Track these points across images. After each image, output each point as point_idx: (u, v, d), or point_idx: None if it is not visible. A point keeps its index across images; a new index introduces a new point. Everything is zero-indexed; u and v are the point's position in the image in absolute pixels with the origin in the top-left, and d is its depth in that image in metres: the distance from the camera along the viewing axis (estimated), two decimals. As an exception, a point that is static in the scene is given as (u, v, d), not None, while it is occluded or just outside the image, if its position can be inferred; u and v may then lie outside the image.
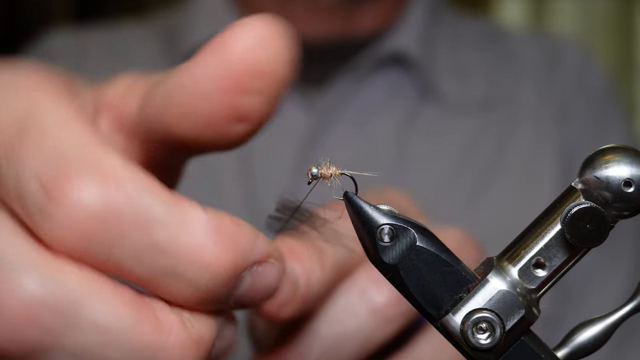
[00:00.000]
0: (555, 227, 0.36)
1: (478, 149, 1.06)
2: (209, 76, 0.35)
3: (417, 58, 1.06)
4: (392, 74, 1.08)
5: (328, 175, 0.38)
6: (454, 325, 0.36)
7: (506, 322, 0.35)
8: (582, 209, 0.35)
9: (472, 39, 1.15)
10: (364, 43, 1.08)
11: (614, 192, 0.35)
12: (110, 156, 0.34)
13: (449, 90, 1.07)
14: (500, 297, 0.36)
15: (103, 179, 0.33)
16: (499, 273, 0.36)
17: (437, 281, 0.36)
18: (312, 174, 0.38)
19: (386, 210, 0.37)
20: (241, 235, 0.35)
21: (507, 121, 1.07)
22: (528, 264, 0.36)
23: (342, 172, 0.38)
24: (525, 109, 1.09)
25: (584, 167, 0.36)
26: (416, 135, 1.05)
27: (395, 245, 0.36)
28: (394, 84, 1.08)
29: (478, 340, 0.36)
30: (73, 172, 0.33)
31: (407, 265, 0.36)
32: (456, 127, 1.06)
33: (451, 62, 1.10)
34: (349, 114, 1.05)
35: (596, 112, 1.11)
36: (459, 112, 1.06)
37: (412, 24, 1.08)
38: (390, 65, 1.07)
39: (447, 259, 0.36)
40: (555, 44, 1.17)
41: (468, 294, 0.36)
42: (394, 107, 1.07)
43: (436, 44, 1.10)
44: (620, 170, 0.35)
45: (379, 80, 1.07)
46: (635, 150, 0.35)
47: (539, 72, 1.12)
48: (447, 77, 1.08)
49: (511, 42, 1.16)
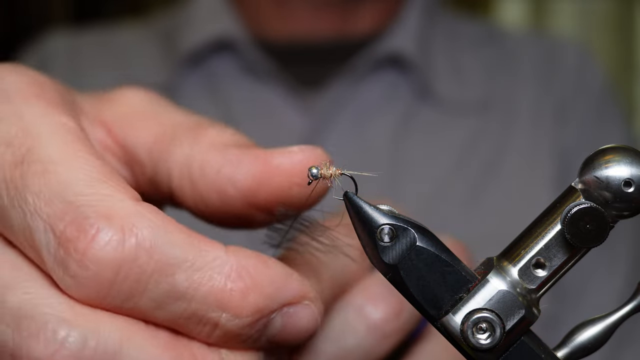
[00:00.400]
0: (555, 227, 0.36)
1: (475, 150, 1.06)
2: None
3: (414, 59, 1.06)
4: (389, 76, 1.08)
5: (328, 176, 0.38)
6: (454, 325, 0.36)
7: (506, 322, 0.35)
8: (582, 209, 0.35)
9: (470, 39, 1.15)
10: (361, 44, 1.08)
11: (614, 192, 0.35)
12: (122, 197, 0.33)
13: (446, 92, 1.07)
14: (500, 297, 0.36)
15: (120, 227, 0.32)
16: (499, 273, 0.36)
17: (437, 281, 0.36)
18: (312, 175, 0.38)
19: (386, 210, 0.37)
20: (267, 276, 0.35)
21: (505, 122, 1.07)
22: (528, 264, 0.36)
23: (342, 173, 0.38)
24: (523, 110, 1.08)
25: (584, 167, 0.36)
26: (413, 137, 1.05)
27: (395, 245, 0.36)
28: (391, 85, 1.08)
29: (478, 340, 0.35)
30: (88, 222, 0.32)
31: (407, 265, 0.36)
32: (454, 128, 1.06)
33: (448, 63, 1.10)
34: (346, 116, 1.06)
35: (595, 113, 1.11)
36: (457, 113, 1.06)
37: (409, 25, 1.08)
38: (388, 66, 1.07)
39: (447, 259, 0.36)
40: (554, 44, 1.17)
41: (468, 294, 0.36)
42: (391, 108, 1.07)
43: (433, 45, 1.10)
44: (620, 170, 0.35)
45: (376, 81, 1.07)
46: (635, 150, 0.35)
47: (537, 73, 1.12)
48: (444, 79, 1.08)
49: (509, 43, 1.16)
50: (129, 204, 0.33)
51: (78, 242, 0.32)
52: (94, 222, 0.32)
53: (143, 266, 0.32)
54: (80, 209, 0.32)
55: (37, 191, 0.33)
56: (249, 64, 1.08)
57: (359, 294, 0.47)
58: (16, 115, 0.35)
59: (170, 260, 0.33)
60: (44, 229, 0.32)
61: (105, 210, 0.32)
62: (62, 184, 0.33)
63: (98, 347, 0.32)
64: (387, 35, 1.07)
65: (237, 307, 0.34)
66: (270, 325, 0.36)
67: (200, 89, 1.08)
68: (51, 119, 0.35)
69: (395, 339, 0.48)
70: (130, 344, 0.33)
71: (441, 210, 1.01)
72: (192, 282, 0.33)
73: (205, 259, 0.33)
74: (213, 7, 1.10)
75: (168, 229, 0.33)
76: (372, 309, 0.47)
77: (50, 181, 0.33)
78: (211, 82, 1.09)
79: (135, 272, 0.32)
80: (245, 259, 0.34)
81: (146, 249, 0.32)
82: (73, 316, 0.32)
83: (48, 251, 0.32)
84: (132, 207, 0.33)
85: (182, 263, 0.33)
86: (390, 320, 0.47)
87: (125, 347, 0.32)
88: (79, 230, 0.32)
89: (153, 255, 0.32)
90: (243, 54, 1.07)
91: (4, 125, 0.34)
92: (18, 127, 0.34)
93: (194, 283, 0.33)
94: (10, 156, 0.34)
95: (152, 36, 1.16)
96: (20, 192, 0.33)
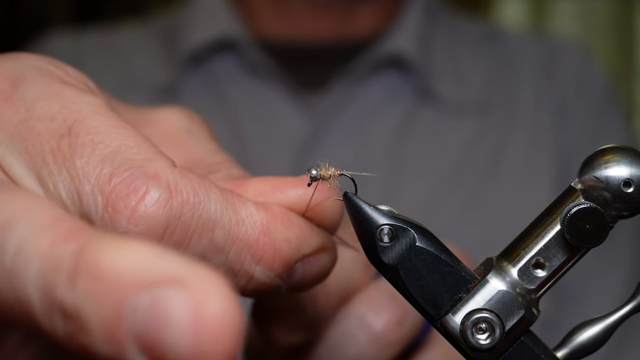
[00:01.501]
0: (555, 227, 0.36)
1: (476, 150, 1.06)
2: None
3: (415, 60, 1.06)
4: (389, 77, 1.08)
5: (327, 177, 0.38)
6: (454, 325, 0.36)
7: (506, 323, 0.35)
8: (581, 209, 0.35)
9: (470, 40, 1.15)
10: (361, 45, 1.08)
11: (613, 192, 0.35)
12: (164, 160, 0.35)
13: (446, 93, 1.07)
14: (500, 298, 0.36)
15: (167, 186, 0.34)
16: (498, 273, 0.36)
17: (436, 281, 0.36)
18: (312, 176, 0.38)
19: (386, 211, 0.37)
20: (293, 230, 0.37)
21: (505, 123, 1.07)
22: (528, 264, 0.36)
23: (342, 173, 0.38)
24: (524, 110, 1.08)
25: (583, 167, 0.36)
26: (414, 138, 1.05)
27: (395, 246, 0.36)
28: (392, 86, 1.08)
29: (478, 340, 0.36)
30: (138, 182, 0.34)
31: (406, 265, 0.36)
32: (454, 129, 1.06)
33: (449, 64, 1.10)
34: (346, 117, 1.06)
35: (595, 114, 1.11)
36: (457, 114, 1.06)
37: (409, 25, 1.08)
38: (388, 67, 1.07)
39: (446, 259, 0.36)
40: (554, 45, 1.17)
41: (468, 294, 0.36)
42: (392, 109, 1.07)
43: (433, 46, 1.10)
44: (619, 170, 0.35)
45: (376, 82, 1.07)
46: (634, 150, 0.35)
47: (538, 74, 1.12)
48: (445, 79, 1.08)
49: (510, 43, 1.16)
50: (171, 166, 0.35)
51: (129, 199, 0.34)
52: (143, 182, 0.34)
53: (187, 222, 0.34)
54: (129, 171, 0.34)
55: (85, 157, 0.35)
56: (250, 64, 1.08)
57: (361, 302, 0.48)
58: (56, 94, 0.37)
59: (210, 217, 0.35)
60: (91, 191, 0.34)
61: (153, 171, 0.34)
62: (110, 151, 0.35)
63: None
64: (388, 37, 1.07)
65: (269, 260, 0.36)
66: (293, 274, 0.38)
67: (202, 88, 1.09)
68: (89, 98, 0.37)
69: (397, 348, 0.48)
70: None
71: (441, 211, 1.01)
72: (229, 237, 0.35)
73: (240, 215, 0.36)
74: (214, 7, 1.10)
75: (207, 188, 0.35)
76: (374, 319, 0.47)
77: (98, 148, 0.35)
78: (212, 82, 1.09)
79: (180, 228, 0.34)
80: (273, 214, 0.37)
81: (190, 206, 0.35)
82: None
83: (96, 212, 0.34)
84: (174, 169, 0.35)
85: (221, 219, 0.35)
86: (392, 330, 0.47)
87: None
88: (129, 189, 0.34)
89: (195, 212, 0.35)
90: (244, 54, 1.07)
91: (46, 103, 0.36)
92: (60, 104, 0.36)
93: (231, 238, 0.36)
94: (55, 129, 0.36)
95: (152, 36, 1.16)
96: (68, 160, 0.35)
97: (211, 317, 0.25)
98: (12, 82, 0.37)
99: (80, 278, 0.26)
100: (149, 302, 0.25)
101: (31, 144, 0.35)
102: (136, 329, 0.26)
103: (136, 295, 0.26)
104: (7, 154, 0.35)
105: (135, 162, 0.35)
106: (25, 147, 0.35)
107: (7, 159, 0.35)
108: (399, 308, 0.47)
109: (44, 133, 0.35)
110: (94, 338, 0.26)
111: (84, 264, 0.27)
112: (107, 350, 0.26)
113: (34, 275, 0.27)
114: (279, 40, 1.09)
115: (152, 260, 0.26)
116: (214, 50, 1.09)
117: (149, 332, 0.25)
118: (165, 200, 0.34)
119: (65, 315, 0.27)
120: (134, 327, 0.26)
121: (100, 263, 0.26)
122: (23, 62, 0.38)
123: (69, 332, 0.27)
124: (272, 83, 1.07)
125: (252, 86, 1.08)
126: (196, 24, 1.10)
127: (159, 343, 0.25)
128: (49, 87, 0.37)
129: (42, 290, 0.27)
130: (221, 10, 1.10)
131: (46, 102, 0.36)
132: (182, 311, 0.25)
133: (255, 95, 1.08)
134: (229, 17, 1.09)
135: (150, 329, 0.25)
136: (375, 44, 1.07)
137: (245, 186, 0.39)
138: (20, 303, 0.28)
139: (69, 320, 0.27)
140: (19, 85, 0.37)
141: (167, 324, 0.25)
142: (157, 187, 0.34)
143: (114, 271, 0.26)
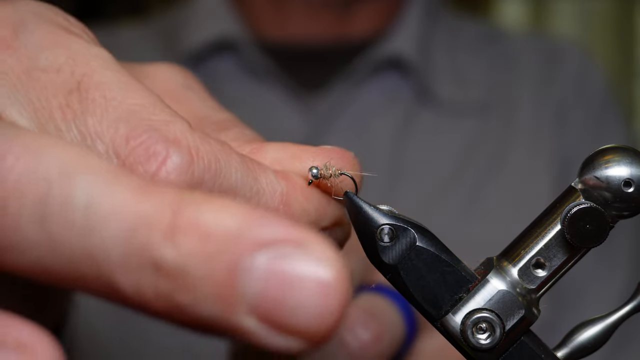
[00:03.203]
0: (555, 227, 0.36)
1: (476, 151, 1.06)
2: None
3: (414, 62, 1.06)
4: (389, 78, 1.08)
5: (328, 176, 0.38)
6: (454, 325, 0.36)
7: (506, 322, 0.35)
8: (582, 209, 0.35)
9: (470, 40, 1.15)
10: (361, 46, 1.08)
11: (613, 192, 0.35)
12: (183, 123, 0.33)
13: (446, 94, 1.07)
14: (500, 297, 0.36)
15: (188, 151, 0.32)
16: (498, 273, 0.36)
17: (437, 281, 0.36)
18: (313, 175, 0.38)
19: (386, 210, 0.37)
20: (312, 202, 0.36)
21: (505, 124, 1.07)
22: (528, 264, 0.36)
23: (342, 173, 0.38)
24: (524, 111, 1.08)
25: (583, 167, 0.36)
26: (414, 139, 1.05)
27: (395, 246, 0.36)
28: (391, 88, 1.08)
29: (478, 340, 0.36)
30: (158, 146, 0.31)
31: (407, 265, 0.36)
32: (454, 131, 1.06)
33: (448, 65, 1.10)
34: (346, 119, 1.06)
35: (595, 115, 1.11)
36: (457, 115, 1.06)
37: (409, 27, 1.08)
38: (388, 69, 1.07)
39: (447, 259, 0.36)
40: (554, 45, 1.17)
41: (468, 294, 0.36)
42: (391, 111, 1.06)
43: (433, 47, 1.10)
44: (620, 170, 0.35)
45: (376, 84, 1.07)
46: (635, 150, 0.35)
47: (538, 75, 1.12)
48: (445, 80, 1.08)
49: (509, 44, 1.16)
50: (190, 130, 0.33)
51: (148, 164, 0.31)
52: (163, 146, 0.31)
53: (208, 190, 0.32)
54: (147, 133, 0.32)
55: (98, 115, 0.32)
56: (249, 65, 1.08)
57: (350, 314, 0.47)
58: (61, 44, 0.34)
59: (231, 185, 0.33)
60: (105, 151, 0.32)
61: (173, 135, 0.32)
62: (124, 110, 0.32)
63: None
64: (387, 38, 1.07)
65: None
66: None
67: (201, 88, 1.08)
68: (97, 51, 0.34)
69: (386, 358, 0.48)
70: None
71: (441, 211, 1.01)
72: (250, 204, 0.33)
73: (260, 184, 0.34)
74: (213, 8, 1.10)
75: (228, 154, 0.33)
76: (351, 337, 0.47)
77: (111, 106, 0.32)
78: (211, 82, 1.09)
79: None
80: (292, 186, 0.35)
81: (212, 173, 0.32)
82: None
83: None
84: (194, 133, 0.33)
85: (242, 188, 0.33)
86: (371, 347, 0.47)
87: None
88: (149, 153, 0.31)
89: (217, 180, 0.32)
90: (243, 54, 1.07)
91: (51, 53, 0.33)
92: (66, 56, 0.33)
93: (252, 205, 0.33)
94: (62, 82, 0.33)
95: (151, 36, 1.16)
96: (79, 116, 0.32)
97: (334, 279, 0.24)
98: (13, 29, 0.33)
99: (183, 235, 0.25)
100: (267, 262, 0.24)
101: (36, 97, 0.32)
102: (253, 290, 0.24)
103: (251, 254, 0.24)
104: (8, 105, 0.32)
105: (153, 123, 0.32)
106: (29, 99, 0.32)
107: (9, 112, 0.32)
108: (376, 324, 0.47)
109: (50, 86, 0.32)
110: (198, 298, 0.25)
111: (184, 220, 0.25)
112: (214, 311, 0.25)
113: (116, 233, 0.25)
114: (278, 42, 1.09)
115: (262, 219, 0.25)
116: (213, 51, 1.09)
117: (268, 293, 0.24)
118: (186, 166, 0.31)
119: (162, 274, 0.25)
120: (250, 288, 0.24)
121: (205, 221, 0.25)
122: (22, 7, 0.35)
123: (164, 291, 0.25)
124: (271, 84, 1.07)
125: (252, 87, 1.08)
126: (196, 24, 1.10)
127: (279, 305, 0.24)
128: (52, 36, 0.34)
129: (131, 248, 0.25)
130: (221, 10, 1.10)
131: (51, 52, 0.33)
132: (308, 272, 0.24)
133: (255, 96, 1.08)
134: (229, 18, 1.09)
135: (270, 290, 0.24)
136: (375, 46, 1.07)
137: (263, 152, 0.37)
138: (93, 262, 0.26)
139: (169, 279, 0.25)
140: (20, 33, 0.33)
141: (293, 285, 0.24)
142: (179, 152, 0.31)
143: (222, 229, 0.25)
